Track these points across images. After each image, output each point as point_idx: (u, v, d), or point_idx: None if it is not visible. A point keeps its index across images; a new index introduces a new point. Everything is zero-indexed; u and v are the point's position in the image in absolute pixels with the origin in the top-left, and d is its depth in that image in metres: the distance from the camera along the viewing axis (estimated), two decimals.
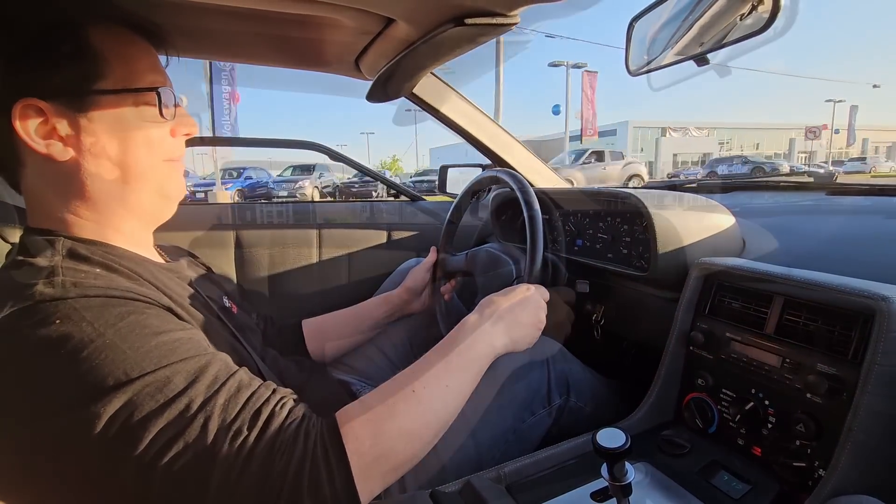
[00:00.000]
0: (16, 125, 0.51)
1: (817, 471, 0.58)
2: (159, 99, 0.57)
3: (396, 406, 0.54)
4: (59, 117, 0.52)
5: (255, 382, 0.51)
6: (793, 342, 0.63)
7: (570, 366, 0.98)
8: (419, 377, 0.58)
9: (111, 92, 0.54)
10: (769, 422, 0.65)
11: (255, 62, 1.05)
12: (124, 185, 0.57)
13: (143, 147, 0.57)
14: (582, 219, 1.12)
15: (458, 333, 0.66)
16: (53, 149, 0.53)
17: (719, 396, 0.72)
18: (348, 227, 1.38)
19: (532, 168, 1.37)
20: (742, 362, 0.69)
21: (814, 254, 0.80)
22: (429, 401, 0.57)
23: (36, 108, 0.51)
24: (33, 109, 0.51)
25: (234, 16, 0.77)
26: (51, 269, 0.48)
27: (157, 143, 0.59)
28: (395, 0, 0.62)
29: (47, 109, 0.52)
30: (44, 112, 0.52)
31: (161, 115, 0.58)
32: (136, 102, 0.56)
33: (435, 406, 0.57)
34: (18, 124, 0.51)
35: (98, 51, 0.54)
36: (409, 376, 0.58)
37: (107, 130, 0.55)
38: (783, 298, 0.66)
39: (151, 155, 0.58)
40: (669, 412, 0.78)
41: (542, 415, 0.91)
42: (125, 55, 0.56)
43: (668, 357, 0.79)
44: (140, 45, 0.59)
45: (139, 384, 0.43)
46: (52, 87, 0.52)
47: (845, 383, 0.56)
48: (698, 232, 0.84)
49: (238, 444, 0.45)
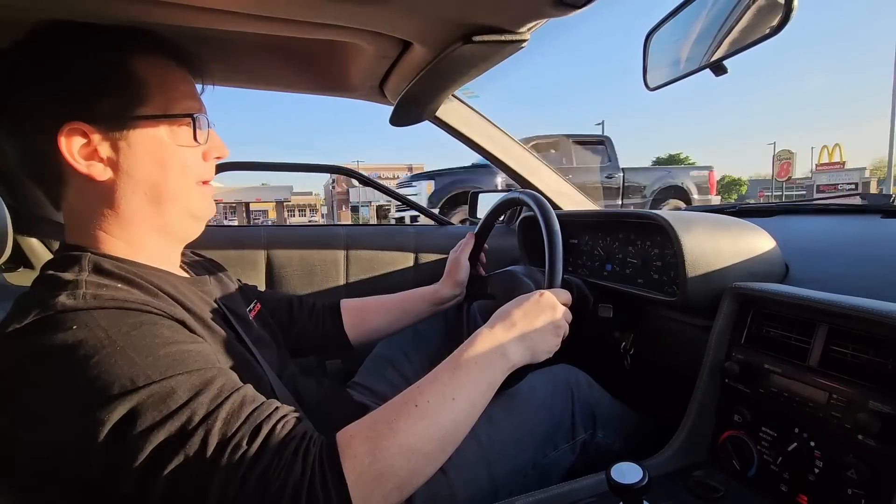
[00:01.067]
0: (61, 146, 0.54)
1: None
2: (194, 124, 0.60)
3: (398, 422, 0.52)
4: (102, 140, 0.56)
5: (259, 399, 0.51)
6: (840, 376, 0.56)
7: (596, 397, 0.93)
8: (423, 391, 0.56)
9: (151, 117, 0.58)
10: (816, 466, 0.57)
11: (287, 90, 1.09)
12: (157, 206, 0.60)
13: (177, 169, 0.60)
14: (611, 243, 1.07)
15: (467, 345, 0.63)
16: (94, 169, 0.56)
17: (759, 435, 0.65)
18: (375, 249, 1.39)
19: (559, 191, 1.35)
20: (783, 397, 0.62)
21: (866, 280, 0.73)
22: (433, 415, 0.54)
23: (80, 131, 0.55)
24: (78, 132, 0.55)
25: (262, 45, 0.81)
26: (75, 283, 0.50)
27: (191, 166, 0.62)
28: (407, 21, 0.64)
29: (91, 132, 0.55)
30: (87, 134, 0.55)
31: (195, 140, 0.61)
32: (172, 127, 0.59)
33: (440, 420, 0.54)
34: (63, 145, 0.54)
35: (141, 79, 0.57)
36: (412, 391, 0.56)
37: (144, 153, 0.58)
38: (827, 327, 0.59)
39: (184, 177, 0.61)
40: (703, 451, 0.71)
41: (565, 449, 0.86)
42: (165, 83, 0.60)
43: (700, 389, 0.72)
44: (178, 74, 0.62)
45: (144, 393, 0.44)
46: (98, 111, 0.55)
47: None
48: (732, 255, 0.78)
49: (237, 460, 0.45)
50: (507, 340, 0.63)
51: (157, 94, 0.58)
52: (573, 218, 1.20)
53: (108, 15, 0.59)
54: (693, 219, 0.82)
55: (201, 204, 0.65)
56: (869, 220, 0.95)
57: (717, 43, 0.60)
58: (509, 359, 0.63)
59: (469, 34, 0.62)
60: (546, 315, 0.68)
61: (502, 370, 0.62)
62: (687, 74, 0.67)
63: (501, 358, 0.62)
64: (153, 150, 0.58)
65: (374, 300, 1.04)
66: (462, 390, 0.57)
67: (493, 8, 0.59)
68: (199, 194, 0.64)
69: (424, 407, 0.54)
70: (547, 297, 0.69)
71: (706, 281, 0.76)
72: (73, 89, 0.55)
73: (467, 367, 0.59)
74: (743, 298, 0.71)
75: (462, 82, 0.86)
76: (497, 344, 0.63)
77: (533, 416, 0.85)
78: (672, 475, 0.68)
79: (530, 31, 0.64)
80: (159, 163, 0.59)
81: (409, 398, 0.55)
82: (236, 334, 0.65)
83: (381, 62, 0.85)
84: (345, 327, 0.98)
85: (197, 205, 0.64)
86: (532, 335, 0.65)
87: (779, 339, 0.65)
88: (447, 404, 0.55)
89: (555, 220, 0.76)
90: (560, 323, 0.69)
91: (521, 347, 0.64)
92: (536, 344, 0.66)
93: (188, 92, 0.63)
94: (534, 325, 0.66)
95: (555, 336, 0.68)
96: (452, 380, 0.57)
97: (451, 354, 0.62)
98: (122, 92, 0.56)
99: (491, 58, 0.69)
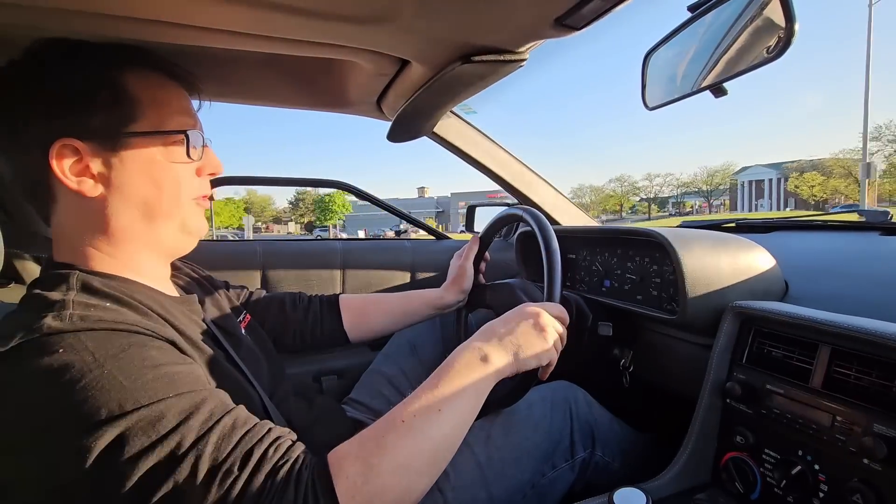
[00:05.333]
0: (52, 162, 0.53)
1: None
2: (187, 140, 0.60)
3: (386, 439, 0.51)
4: (93, 156, 0.55)
5: (251, 421, 0.50)
6: (844, 398, 0.56)
7: (595, 415, 0.92)
8: (408, 406, 0.55)
9: (143, 134, 0.57)
10: (821, 490, 0.57)
11: (284, 106, 1.09)
12: (149, 222, 0.59)
13: (171, 186, 0.60)
14: (610, 258, 1.07)
15: (452, 356, 0.61)
16: (84, 185, 0.55)
17: (762, 457, 0.64)
18: (372, 263, 1.38)
19: (557, 206, 1.35)
20: (786, 419, 0.61)
21: (867, 299, 0.72)
22: (421, 428, 0.53)
23: (72, 148, 0.54)
24: (69, 148, 0.54)
25: (260, 63, 0.81)
26: (62, 303, 0.49)
27: (185, 182, 0.61)
28: (406, 42, 0.64)
29: (82, 149, 0.55)
30: (79, 151, 0.54)
31: (188, 156, 0.60)
32: (165, 143, 0.59)
33: (430, 433, 0.53)
34: (54, 162, 0.54)
35: (133, 95, 0.57)
36: (399, 407, 0.55)
37: (137, 169, 0.57)
38: (830, 348, 0.59)
39: (178, 194, 0.61)
40: (705, 473, 0.70)
41: (565, 469, 0.85)
42: (158, 99, 0.59)
43: (701, 410, 0.71)
44: (172, 90, 0.62)
45: (133, 418, 0.43)
46: (89, 128, 0.55)
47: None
48: (732, 273, 0.78)
49: (227, 487, 0.44)
50: (488, 346, 0.62)
51: (149, 111, 0.58)
52: (571, 233, 1.20)
53: (106, 34, 0.59)
54: (692, 236, 0.81)
55: (195, 220, 0.64)
56: (867, 237, 0.95)
57: (715, 64, 0.60)
58: (492, 364, 0.61)
59: (467, 54, 0.63)
60: (529, 320, 0.65)
61: (487, 377, 0.60)
62: (686, 95, 0.67)
63: (484, 364, 0.60)
64: (146, 167, 0.58)
65: (374, 299, 1.02)
66: (448, 401, 0.56)
67: (491, 29, 0.59)
68: (193, 211, 0.63)
69: (411, 421, 0.53)
70: (530, 307, 0.67)
71: (706, 300, 0.76)
72: (65, 106, 0.55)
73: (450, 377, 0.58)
74: (744, 317, 0.71)
75: (460, 100, 0.86)
76: (479, 351, 0.61)
77: (532, 435, 0.83)
78: (674, 498, 0.67)
79: (528, 50, 0.64)
80: (152, 179, 0.58)
81: (396, 414, 0.54)
82: (226, 354, 0.65)
83: (378, 79, 0.85)
84: (344, 325, 0.97)
85: (191, 221, 0.63)
86: (514, 339, 0.63)
87: (781, 360, 0.64)
88: (434, 416, 0.54)
89: (554, 239, 0.76)
90: (543, 324, 0.65)
91: (503, 352, 0.62)
92: (520, 347, 0.63)
93: (182, 108, 0.62)
94: (515, 330, 0.64)
95: (540, 339, 0.64)
96: (437, 392, 0.56)
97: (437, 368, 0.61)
98: (114, 108, 0.56)
99: (489, 77, 0.69)
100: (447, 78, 0.70)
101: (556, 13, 0.55)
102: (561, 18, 0.56)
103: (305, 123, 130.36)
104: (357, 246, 1.40)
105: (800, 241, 1.05)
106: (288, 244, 1.36)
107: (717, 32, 0.60)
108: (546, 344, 0.65)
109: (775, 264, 0.82)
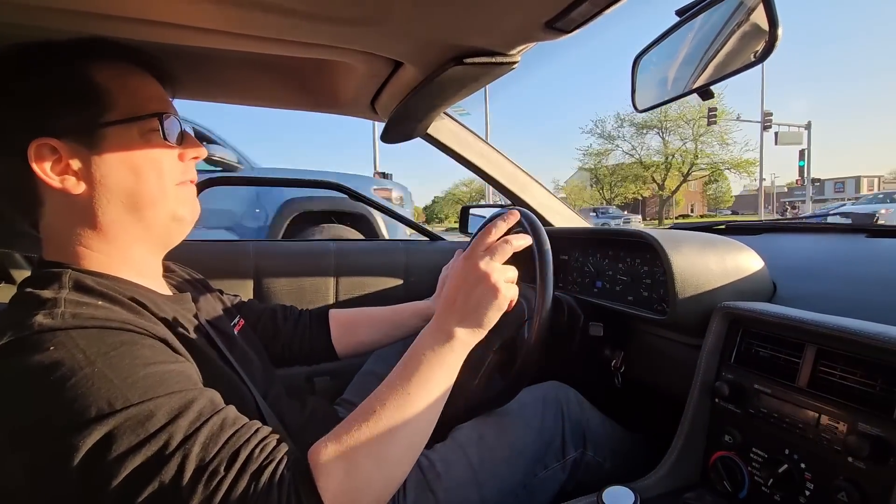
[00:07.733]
0: (31, 164, 0.53)
1: None
2: (162, 124, 0.59)
3: (361, 430, 0.52)
4: (72, 153, 0.55)
5: (239, 421, 0.50)
6: (829, 397, 0.57)
7: (587, 415, 0.92)
8: (378, 396, 0.55)
9: (117, 122, 0.57)
10: (807, 488, 0.57)
11: (278, 106, 1.09)
12: (136, 213, 0.59)
13: (153, 173, 0.59)
14: (601, 259, 1.08)
15: (417, 339, 0.61)
16: (67, 183, 0.55)
17: (749, 456, 0.65)
18: (365, 264, 1.38)
19: (550, 207, 1.35)
20: (773, 418, 0.62)
21: (853, 300, 0.73)
22: (392, 415, 0.53)
23: (49, 147, 0.54)
24: (47, 148, 0.54)
25: (251, 63, 0.81)
26: (54, 301, 0.49)
27: (167, 168, 0.60)
28: (398, 43, 0.64)
29: (60, 147, 0.54)
30: (57, 150, 0.54)
31: (164, 139, 0.59)
32: (141, 131, 0.58)
33: (401, 417, 0.53)
34: (35, 164, 0.53)
35: (103, 87, 0.56)
36: (370, 399, 0.55)
37: (117, 160, 0.57)
38: (816, 348, 0.59)
39: (161, 180, 0.60)
40: (694, 472, 0.71)
41: (556, 469, 0.85)
42: (128, 87, 0.59)
43: (690, 409, 0.72)
44: (143, 78, 0.61)
45: (122, 416, 0.43)
46: (63, 125, 0.55)
47: (891, 447, 0.49)
48: (721, 274, 0.78)
49: (213, 487, 0.44)
50: (443, 319, 0.60)
51: (121, 100, 0.57)
52: (563, 235, 1.21)
53: (95, 34, 0.59)
54: (682, 238, 0.82)
55: (183, 206, 0.63)
56: (854, 239, 0.96)
57: (704, 68, 0.61)
58: (452, 334, 0.59)
59: (460, 56, 0.63)
60: (472, 276, 0.61)
61: (452, 350, 0.58)
62: (674, 98, 0.68)
63: (445, 337, 0.59)
64: (125, 157, 0.57)
65: (363, 312, 1.02)
66: (414, 383, 0.56)
67: (483, 31, 0.60)
68: (180, 196, 0.63)
69: (381, 410, 0.53)
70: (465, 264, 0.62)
71: (696, 301, 0.76)
72: (36, 106, 0.55)
73: (414, 359, 0.58)
74: (732, 318, 0.71)
75: (453, 101, 0.87)
76: (436, 327, 0.60)
77: (523, 435, 0.83)
78: (663, 497, 0.67)
79: (520, 53, 0.65)
80: (133, 168, 0.57)
81: (368, 406, 0.54)
82: (219, 353, 0.64)
83: (372, 81, 0.85)
84: (332, 339, 0.96)
85: (179, 207, 0.62)
86: (465, 304, 0.60)
87: (768, 359, 0.65)
88: (403, 400, 0.54)
89: (546, 241, 0.76)
90: (483, 274, 0.60)
91: (458, 319, 0.60)
92: (474, 309, 0.59)
93: (153, 94, 0.61)
94: (462, 293, 0.60)
95: (489, 291, 0.59)
96: (404, 375, 0.57)
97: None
98: (85, 103, 0.55)
99: (481, 78, 0.70)
100: (440, 79, 0.70)
101: (547, 16, 0.56)
102: (551, 22, 0.57)
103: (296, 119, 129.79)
104: (350, 247, 1.40)
105: (788, 242, 1.07)
106: (281, 245, 1.36)
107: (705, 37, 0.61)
108: (499, 291, 0.60)
109: (763, 266, 0.82)
